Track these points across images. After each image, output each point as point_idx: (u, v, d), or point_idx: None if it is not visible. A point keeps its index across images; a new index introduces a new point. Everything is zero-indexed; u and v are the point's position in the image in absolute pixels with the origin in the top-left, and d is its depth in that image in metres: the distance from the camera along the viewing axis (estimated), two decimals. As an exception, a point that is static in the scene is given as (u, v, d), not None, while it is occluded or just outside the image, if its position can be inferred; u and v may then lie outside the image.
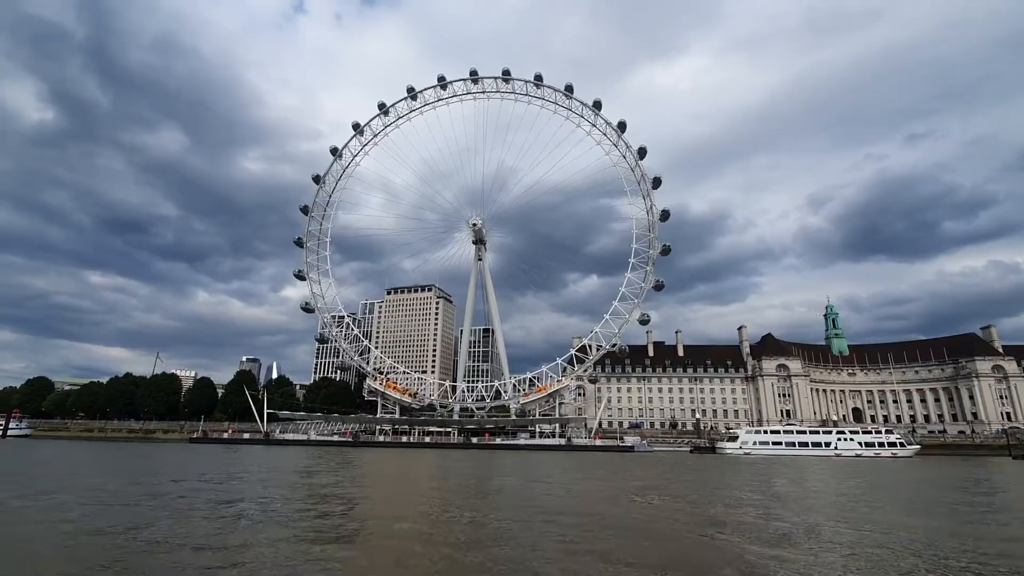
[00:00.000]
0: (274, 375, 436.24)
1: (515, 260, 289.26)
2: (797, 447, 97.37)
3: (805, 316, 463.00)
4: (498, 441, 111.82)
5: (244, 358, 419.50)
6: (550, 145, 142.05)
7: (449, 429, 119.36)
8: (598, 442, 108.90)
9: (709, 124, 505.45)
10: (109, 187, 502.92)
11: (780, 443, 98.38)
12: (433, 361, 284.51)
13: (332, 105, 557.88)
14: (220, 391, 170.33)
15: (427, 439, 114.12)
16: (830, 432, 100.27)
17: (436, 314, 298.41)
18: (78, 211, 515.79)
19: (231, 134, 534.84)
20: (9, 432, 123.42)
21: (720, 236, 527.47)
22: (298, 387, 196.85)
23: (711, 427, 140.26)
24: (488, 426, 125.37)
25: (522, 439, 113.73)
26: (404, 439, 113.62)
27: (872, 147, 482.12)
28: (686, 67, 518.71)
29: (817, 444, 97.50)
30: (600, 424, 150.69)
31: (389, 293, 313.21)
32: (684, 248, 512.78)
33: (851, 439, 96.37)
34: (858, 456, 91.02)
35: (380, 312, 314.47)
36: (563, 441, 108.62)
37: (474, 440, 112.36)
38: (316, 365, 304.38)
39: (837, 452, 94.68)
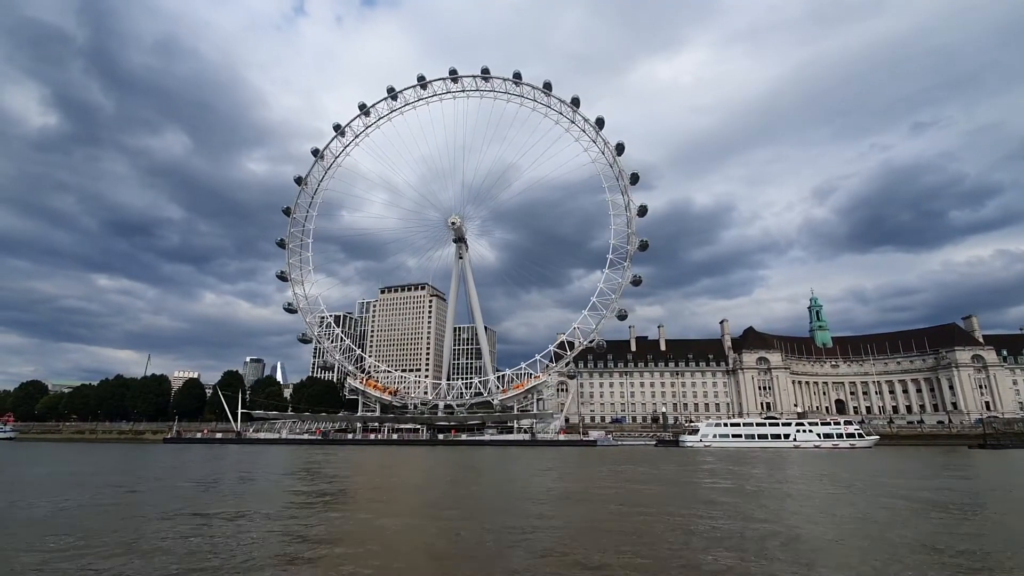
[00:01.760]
0: (278, 375, 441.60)
1: (518, 257, 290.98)
2: (756, 439, 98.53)
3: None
4: (463, 437, 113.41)
5: (247, 359, 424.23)
6: (529, 143, 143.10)
7: (418, 426, 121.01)
8: (562, 437, 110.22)
9: (711, 117, 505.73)
10: (114, 190, 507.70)
11: (740, 435, 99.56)
12: (427, 358, 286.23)
13: (334, 105, 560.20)
14: (209, 392, 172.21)
15: (395, 436, 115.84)
16: (789, 424, 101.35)
17: (429, 312, 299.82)
18: (84, 215, 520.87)
19: (234, 135, 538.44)
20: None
21: (725, 229, 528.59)
22: (288, 387, 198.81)
23: (690, 420, 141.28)
24: (469, 422, 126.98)
25: (487, 435, 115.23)
26: (373, 436, 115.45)
27: (877, 137, 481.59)
28: (687, 60, 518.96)
29: (776, 436, 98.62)
30: (581, 419, 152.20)
31: (383, 292, 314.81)
32: (688, 242, 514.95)
33: (809, 431, 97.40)
34: (816, 447, 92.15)
35: (374, 311, 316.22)
36: (528, 436, 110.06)
37: (440, 437, 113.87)
38: (313, 364, 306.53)
39: (796, 444, 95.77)
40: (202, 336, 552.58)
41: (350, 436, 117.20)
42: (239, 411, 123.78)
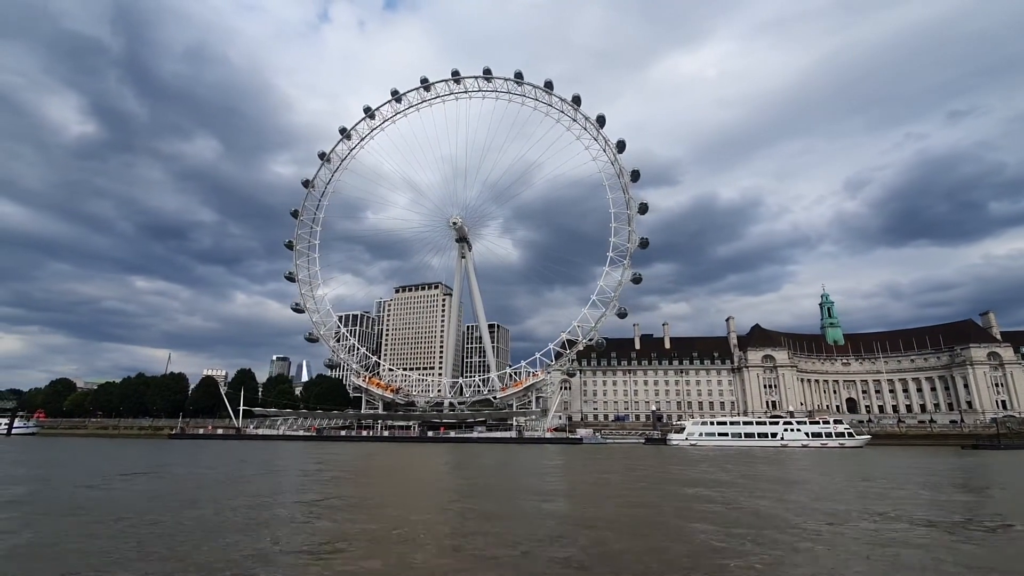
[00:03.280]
0: (303, 373, 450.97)
1: (541, 256, 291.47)
2: (743, 438, 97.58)
3: (841, 305, 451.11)
4: (452, 434, 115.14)
5: (274, 357, 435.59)
6: (532, 142, 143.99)
7: (409, 423, 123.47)
8: (548, 435, 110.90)
9: (737, 110, 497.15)
10: (149, 195, 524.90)
11: (726, 434, 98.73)
12: (440, 357, 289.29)
13: (359, 109, 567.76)
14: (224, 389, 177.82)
15: (386, 433, 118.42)
16: (776, 423, 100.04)
17: (443, 311, 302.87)
18: (121, 219, 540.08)
19: (262, 139, 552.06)
20: (14, 431, 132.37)
21: (752, 224, 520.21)
22: (298, 385, 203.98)
23: (692, 419, 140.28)
24: (469, 420, 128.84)
25: (476, 432, 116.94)
26: (365, 433, 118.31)
27: (911, 126, 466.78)
28: (711, 53, 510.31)
29: (763, 435, 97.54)
30: (583, 416, 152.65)
31: (398, 291, 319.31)
32: (714, 238, 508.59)
33: (798, 430, 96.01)
34: (804, 446, 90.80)
35: (390, 310, 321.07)
36: (514, 434, 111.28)
37: (430, 434, 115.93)
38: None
39: (783, 443, 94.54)
40: (234, 335, 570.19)
41: (343, 433, 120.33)
42: (241, 408, 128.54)
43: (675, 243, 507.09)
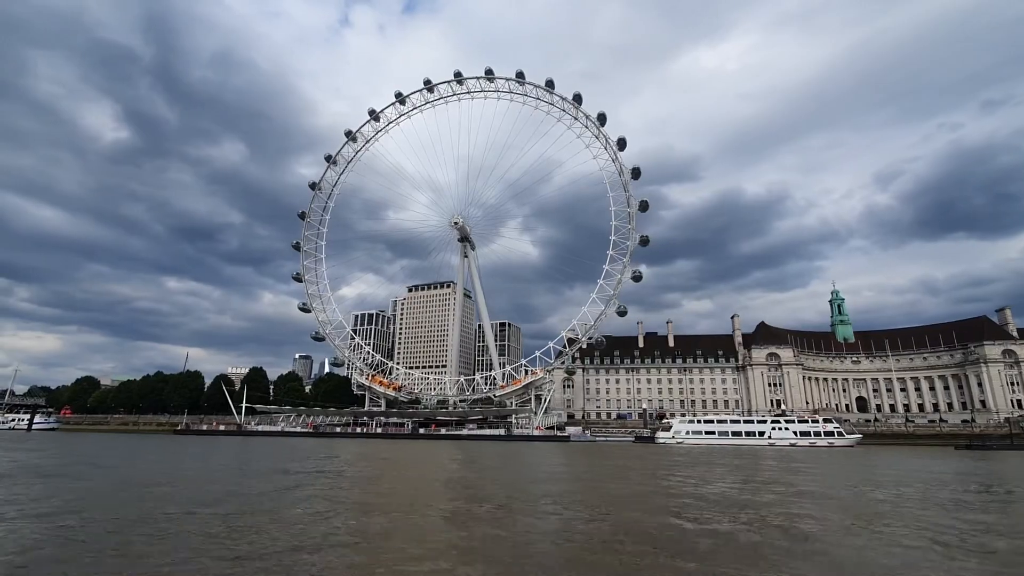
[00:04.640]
0: (325, 371, 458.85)
1: (561, 254, 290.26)
2: (730, 436, 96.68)
3: (873, 301, 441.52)
4: (443, 432, 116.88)
5: (296, 355, 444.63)
6: (535, 140, 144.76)
7: (403, 421, 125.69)
8: (537, 432, 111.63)
9: (760, 104, 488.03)
10: (179, 198, 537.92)
11: (713, 432, 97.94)
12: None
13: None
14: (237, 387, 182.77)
15: (379, 430, 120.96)
16: (764, 421, 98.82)
17: (455, 309, 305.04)
18: (154, 222, 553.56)
19: (286, 142, 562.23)
20: (35, 426, 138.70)
21: (778, 220, 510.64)
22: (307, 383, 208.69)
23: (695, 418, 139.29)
24: (471, 417, 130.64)
25: (466, 429, 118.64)
26: (360, 430, 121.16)
27: (944, 116, 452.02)
28: (733, 47, 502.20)
29: (751, 433, 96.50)
30: (585, 414, 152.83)
31: (410, 290, 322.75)
32: (739, 234, 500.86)
33: (786, 428, 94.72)
34: (792, 445, 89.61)
35: (402, 309, 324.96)
36: (503, 431, 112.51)
37: (421, 431, 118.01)
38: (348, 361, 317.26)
39: (771, 441, 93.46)
40: (261, 334, 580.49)
41: (338, 430, 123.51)
42: (244, 405, 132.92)
43: (698, 239, 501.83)
